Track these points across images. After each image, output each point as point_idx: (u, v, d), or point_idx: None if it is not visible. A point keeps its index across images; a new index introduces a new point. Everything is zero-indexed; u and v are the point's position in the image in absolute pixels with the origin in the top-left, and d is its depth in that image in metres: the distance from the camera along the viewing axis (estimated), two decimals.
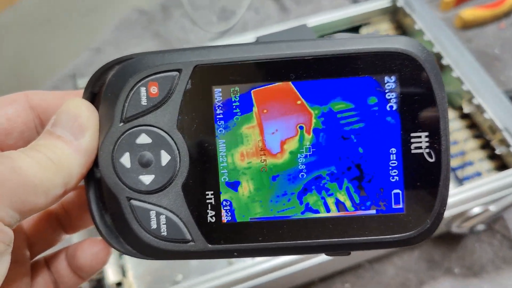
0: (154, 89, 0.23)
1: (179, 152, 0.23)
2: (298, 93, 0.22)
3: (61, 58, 0.69)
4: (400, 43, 0.22)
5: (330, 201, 0.23)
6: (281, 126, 0.23)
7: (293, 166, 0.23)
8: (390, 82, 0.22)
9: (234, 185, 0.23)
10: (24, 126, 0.24)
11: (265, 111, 0.23)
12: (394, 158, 0.22)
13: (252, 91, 0.22)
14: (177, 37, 0.69)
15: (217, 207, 0.23)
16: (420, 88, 0.22)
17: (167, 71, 0.23)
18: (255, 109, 0.23)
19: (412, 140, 0.22)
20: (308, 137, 0.23)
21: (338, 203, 0.23)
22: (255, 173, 0.23)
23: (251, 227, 0.23)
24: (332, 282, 0.51)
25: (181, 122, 0.23)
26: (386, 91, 0.22)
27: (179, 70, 0.23)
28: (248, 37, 0.53)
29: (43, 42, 0.69)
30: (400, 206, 0.23)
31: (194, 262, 0.46)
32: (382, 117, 0.22)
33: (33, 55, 0.69)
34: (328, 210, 0.23)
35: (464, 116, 0.53)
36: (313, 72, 0.22)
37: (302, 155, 0.23)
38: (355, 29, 0.58)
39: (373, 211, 0.23)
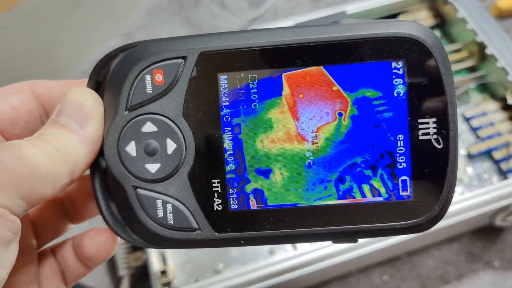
0: (159, 77, 0.22)
1: (185, 140, 0.23)
2: (332, 78, 0.22)
3: (91, 43, 0.68)
4: (407, 28, 0.22)
5: (365, 188, 0.23)
6: (319, 112, 0.22)
7: (327, 153, 0.23)
8: (397, 67, 0.22)
9: None
10: (29, 116, 0.24)
11: (301, 95, 0.22)
12: (402, 145, 0.22)
13: (283, 74, 0.22)
14: (207, 24, 0.68)
15: (223, 195, 0.23)
16: (428, 73, 0.22)
17: (172, 58, 0.22)
18: (285, 93, 0.22)
19: (420, 126, 0.22)
20: (345, 124, 0.22)
21: (372, 189, 0.23)
22: (283, 159, 0.23)
23: (258, 215, 0.23)
24: (370, 273, 0.50)
25: (186, 110, 0.23)
26: (394, 76, 0.22)
27: (184, 58, 0.22)
28: (281, 25, 0.52)
29: (73, 27, 0.67)
30: (408, 193, 0.22)
31: (235, 252, 0.46)
32: (389, 104, 0.22)
33: (64, 41, 0.66)
34: (363, 195, 0.23)
35: (508, 107, 0.52)
36: (336, 57, 0.22)
37: (337, 142, 0.23)
38: (393, 17, 0.58)
39: (380, 198, 0.23)
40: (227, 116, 0.23)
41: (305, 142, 0.23)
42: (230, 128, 0.23)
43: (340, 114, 0.22)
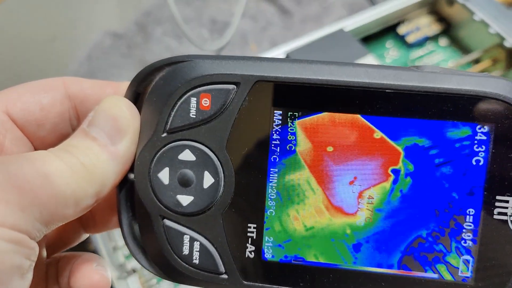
0: (206, 102, 0.20)
1: (224, 176, 0.20)
2: (374, 127, 0.19)
3: None
4: (501, 88, 0.18)
5: (441, 269, 0.20)
6: (361, 171, 0.20)
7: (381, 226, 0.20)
8: (482, 132, 0.19)
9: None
10: (59, 118, 0.22)
11: (330, 149, 0.20)
12: (471, 220, 0.19)
13: (297, 121, 0.19)
14: None
15: (258, 242, 0.20)
16: None
17: (223, 82, 0.20)
18: (307, 146, 0.20)
19: (497, 204, 0.19)
20: (403, 183, 0.20)
21: (449, 268, 0.20)
22: (316, 242, 0.20)
23: (293, 270, 0.20)
24: None
25: (231, 143, 0.20)
26: (476, 142, 0.19)
27: (237, 84, 0.20)
28: (275, 53, 0.44)
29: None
30: (468, 275, 0.19)
31: None
32: (466, 171, 0.19)
33: None
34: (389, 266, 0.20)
35: None
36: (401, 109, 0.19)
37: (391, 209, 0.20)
38: (391, 28, 0.50)
39: (436, 275, 0.20)
40: (275, 157, 0.20)
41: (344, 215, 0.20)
42: (276, 170, 0.20)
43: (395, 172, 0.19)
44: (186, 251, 0.21)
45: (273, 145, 0.20)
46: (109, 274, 0.22)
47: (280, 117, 0.20)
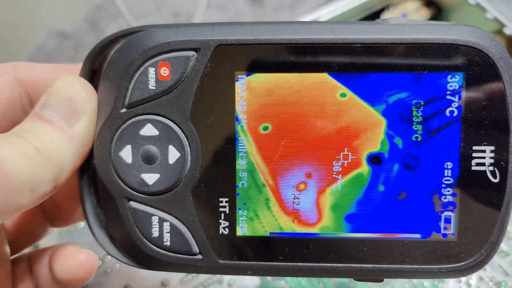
0: (165, 71, 0.19)
1: (190, 149, 0.19)
2: (343, 86, 0.18)
3: None
4: (470, 35, 0.18)
5: (401, 221, 0.19)
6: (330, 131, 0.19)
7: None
8: (454, 81, 0.18)
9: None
10: (9, 104, 0.21)
11: (297, 110, 0.19)
12: (449, 174, 0.18)
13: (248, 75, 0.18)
14: None
15: (231, 217, 0.19)
16: (490, 92, 0.18)
17: (182, 49, 0.19)
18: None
19: (474, 154, 0.18)
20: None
21: (380, 217, 0.19)
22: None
23: (271, 244, 0.19)
24: None
25: (195, 113, 0.19)
26: (448, 92, 0.18)
27: (196, 50, 0.19)
28: None
29: None
30: (451, 231, 0.19)
31: None
32: (440, 124, 0.18)
33: None
34: (370, 223, 0.19)
35: None
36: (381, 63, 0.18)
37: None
38: (375, 16, 0.45)
39: (417, 235, 0.19)
40: (242, 124, 0.19)
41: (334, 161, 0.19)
42: (244, 139, 0.19)
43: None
44: (156, 233, 0.19)
45: (239, 112, 0.19)
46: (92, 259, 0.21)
47: (245, 82, 0.19)
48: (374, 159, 0.19)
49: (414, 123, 0.18)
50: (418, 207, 0.19)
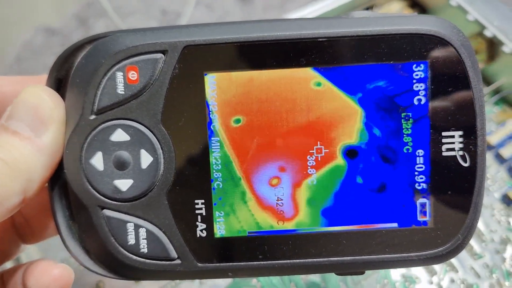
0: (133, 75, 0.18)
1: (163, 152, 0.19)
2: (331, 82, 0.19)
3: None
4: (432, 24, 0.18)
5: (377, 211, 0.19)
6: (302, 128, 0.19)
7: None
8: (419, 70, 0.18)
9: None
10: None
11: (271, 108, 0.19)
12: (421, 162, 0.19)
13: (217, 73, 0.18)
14: None
15: (208, 219, 0.19)
16: (455, 78, 0.18)
17: (149, 52, 0.18)
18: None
19: (444, 140, 0.19)
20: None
21: (357, 210, 0.19)
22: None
23: (250, 243, 0.19)
24: None
25: (166, 115, 0.19)
26: (414, 81, 0.18)
27: (164, 52, 0.18)
28: None
29: None
30: (427, 218, 0.19)
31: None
32: (409, 112, 0.19)
33: None
34: (347, 216, 0.19)
35: None
36: (337, 58, 0.19)
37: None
38: None
39: (394, 224, 0.19)
40: (214, 124, 0.19)
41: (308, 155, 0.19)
42: (218, 139, 0.19)
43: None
44: (132, 240, 0.19)
45: (211, 112, 0.19)
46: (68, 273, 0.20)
47: (215, 81, 0.19)
48: (350, 152, 0.19)
49: (388, 113, 0.19)
50: (395, 197, 0.19)
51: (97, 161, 0.19)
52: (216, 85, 0.19)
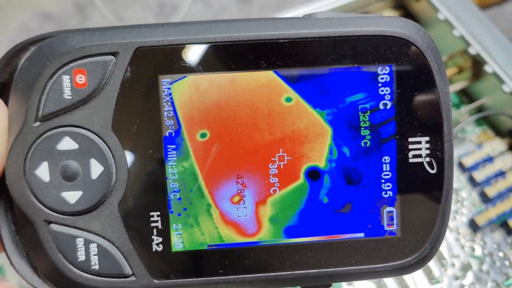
0: (81, 78, 0.17)
1: (115, 162, 0.18)
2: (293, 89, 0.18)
3: None
4: (396, 25, 0.18)
5: (314, 224, 0.18)
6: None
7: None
8: (384, 73, 0.18)
9: None
10: None
11: (228, 114, 0.18)
12: (388, 169, 0.18)
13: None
14: None
15: (165, 232, 0.18)
16: (420, 82, 0.18)
17: (99, 54, 0.17)
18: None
19: (410, 146, 0.18)
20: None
21: (321, 225, 0.18)
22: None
23: (210, 257, 0.18)
24: None
25: (117, 122, 0.17)
26: (380, 85, 0.18)
27: (115, 54, 0.17)
28: None
29: None
30: (394, 227, 0.18)
31: None
32: (374, 118, 0.18)
33: None
34: (310, 234, 0.18)
35: None
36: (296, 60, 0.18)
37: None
38: None
39: (361, 234, 0.18)
40: (170, 131, 0.18)
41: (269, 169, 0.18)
42: (174, 146, 0.18)
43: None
44: (82, 257, 0.18)
45: (166, 118, 0.18)
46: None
47: (170, 86, 0.17)
48: (312, 173, 0.18)
49: (354, 118, 0.18)
50: (361, 206, 0.18)
51: (43, 171, 0.17)
52: (171, 89, 0.17)
